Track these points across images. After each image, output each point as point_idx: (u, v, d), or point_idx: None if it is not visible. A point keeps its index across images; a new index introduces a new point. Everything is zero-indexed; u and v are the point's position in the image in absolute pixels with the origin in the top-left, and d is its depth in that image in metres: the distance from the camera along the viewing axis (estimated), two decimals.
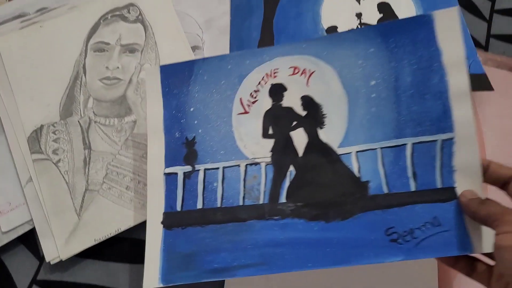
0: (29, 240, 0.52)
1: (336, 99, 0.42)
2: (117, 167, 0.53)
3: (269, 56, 0.45)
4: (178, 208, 0.43)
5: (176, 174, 0.44)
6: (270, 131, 0.44)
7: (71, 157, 0.53)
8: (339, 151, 0.41)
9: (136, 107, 0.55)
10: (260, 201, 0.42)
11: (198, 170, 0.44)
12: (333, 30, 0.56)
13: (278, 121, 0.44)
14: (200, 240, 0.41)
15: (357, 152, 0.41)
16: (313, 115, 0.43)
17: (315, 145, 0.42)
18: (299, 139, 0.43)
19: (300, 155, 0.42)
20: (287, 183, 0.42)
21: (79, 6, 0.59)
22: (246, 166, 0.43)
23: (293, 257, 0.39)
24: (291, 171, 0.42)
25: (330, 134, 0.42)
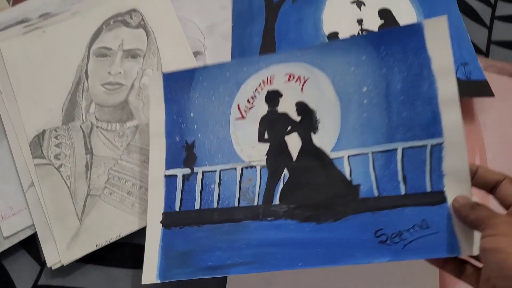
0: (31, 245, 0.52)
1: (330, 105, 0.44)
2: (119, 172, 0.52)
3: (266, 64, 0.47)
4: (177, 208, 0.45)
5: (176, 176, 0.46)
6: (266, 136, 0.45)
7: (73, 162, 0.53)
8: (332, 155, 0.43)
9: (138, 112, 0.55)
10: (255, 203, 0.43)
11: (197, 173, 0.46)
12: (334, 36, 0.56)
13: (274, 126, 0.45)
14: (197, 239, 0.43)
15: (349, 156, 0.42)
16: (307, 121, 0.44)
17: (309, 150, 0.44)
18: (294, 144, 0.44)
19: (294, 159, 0.44)
20: (281, 186, 0.43)
21: (82, 12, 0.59)
22: (242, 169, 0.45)
23: (285, 257, 0.40)
24: (285, 174, 0.43)
25: (323, 139, 0.43)
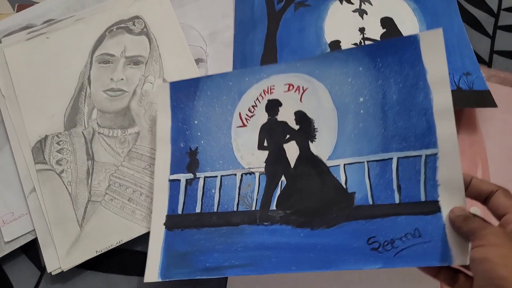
0: (31, 251, 0.52)
1: (327, 115, 0.45)
2: (120, 179, 0.53)
3: (267, 74, 0.48)
4: (179, 212, 0.47)
5: (179, 181, 0.48)
6: (265, 143, 0.47)
7: (75, 168, 0.53)
8: (328, 163, 0.44)
9: (140, 119, 0.55)
10: (253, 208, 0.45)
11: (199, 178, 0.48)
12: (336, 45, 0.56)
13: (273, 134, 0.47)
14: (196, 241, 0.45)
15: (345, 165, 0.43)
16: (306, 129, 0.46)
17: (306, 157, 0.45)
18: (292, 151, 0.46)
19: (292, 166, 0.45)
20: (278, 192, 0.45)
21: (85, 18, 0.60)
22: (242, 175, 0.46)
23: (279, 260, 0.41)
24: (283, 181, 0.45)
25: (321, 147, 0.45)
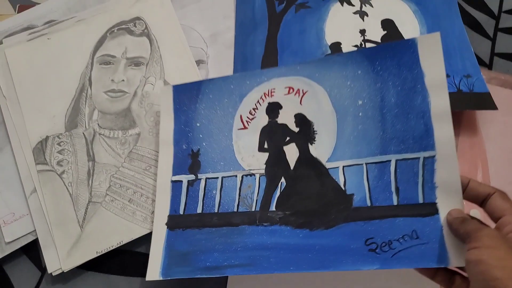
0: (32, 251, 0.53)
1: (326, 117, 0.46)
2: (120, 180, 0.53)
3: (267, 77, 0.49)
4: (181, 212, 0.48)
5: (181, 182, 0.49)
6: (265, 146, 0.48)
7: (75, 169, 0.53)
8: (328, 166, 0.44)
9: (140, 120, 0.55)
10: (253, 209, 0.45)
11: (200, 179, 0.49)
12: (337, 46, 0.56)
13: (273, 137, 0.48)
14: (197, 241, 0.46)
15: (344, 167, 0.44)
16: (305, 132, 0.46)
17: (306, 159, 0.46)
18: (291, 153, 0.46)
19: (291, 168, 0.46)
20: (278, 193, 0.45)
21: (86, 19, 0.60)
22: (242, 177, 0.47)
23: (278, 260, 0.42)
24: (282, 182, 0.46)
25: (320, 150, 0.45)
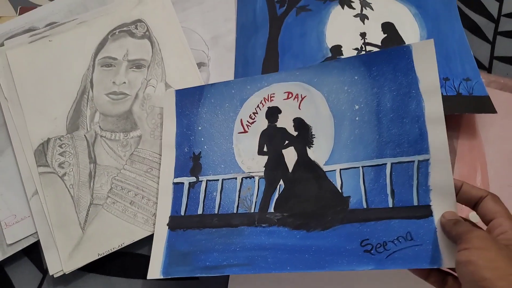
0: (33, 253, 0.53)
1: (324, 122, 0.47)
2: (122, 182, 0.53)
3: (267, 82, 0.51)
4: (182, 213, 0.49)
5: (183, 184, 0.51)
6: (265, 149, 0.49)
7: (77, 171, 0.53)
8: (325, 169, 0.46)
9: (142, 122, 0.55)
10: (252, 210, 0.47)
11: (201, 181, 0.50)
12: (338, 49, 0.57)
13: (272, 140, 0.49)
14: (197, 241, 0.47)
15: (341, 170, 0.45)
16: (304, 136, 0.48)
17: (304, 163, 0.47)
18: (290, 157, 0.48)
19: (290, 171, 0.47)
20: (277, 195, 0.47)
21: (88, 21, 0.60)
22: (242, 179, 0.48)
23: (275, 260, 0.43)
24: (281, 185, 0.47)
25: (318, 153, 0.46)
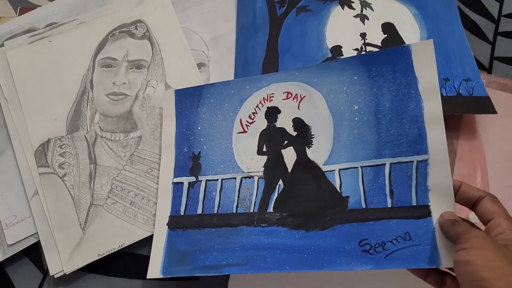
0: (34, 253, 0.53)
1: (323, 122, 0.47)
2: (122, 182, 0.53)
3: (266, 82, 0.51)
4: (182, 213, 0.49)
5: (182, 184, 0.51)
6: (264, 149, 0.49)
7: (77, 172, 0.53)
8: (324, 169, 0.46)
9: (142, 123, 0.55)
10: (251, 210, 0.47)
11: (201, 181, 0.50)
12: (338, 50, 0.56)
13: (272, 140, 0.49)
14: (197, 241, 0.47)
15: (340, 170, 0.45)
16: (303, 136, 0.48)
17: (303, 163, 0.47)
18: (289, 157, 0.48)
19: (289, 171, 0.47)
20: (276, 195, 0.47)
21: (88, 22, 0.60)
22: (241, 179, 0.49)
23: (274, 260, 0.43)
24: (280, 185, 0.47)
25: (317, 153, 0.47)
